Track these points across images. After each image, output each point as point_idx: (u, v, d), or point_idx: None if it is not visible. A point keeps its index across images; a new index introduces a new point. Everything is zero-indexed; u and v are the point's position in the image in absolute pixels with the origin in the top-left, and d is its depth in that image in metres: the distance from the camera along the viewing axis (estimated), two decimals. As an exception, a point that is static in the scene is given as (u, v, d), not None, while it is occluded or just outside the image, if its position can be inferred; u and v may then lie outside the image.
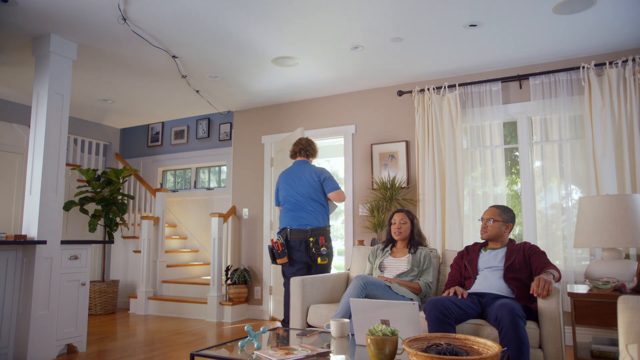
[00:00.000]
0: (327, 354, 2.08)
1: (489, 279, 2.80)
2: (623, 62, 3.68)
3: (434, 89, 4.36)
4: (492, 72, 4.26)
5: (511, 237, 3.07)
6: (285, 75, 4.46)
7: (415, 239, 3.32)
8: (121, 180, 5.62)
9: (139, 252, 5.75)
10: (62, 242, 3.53)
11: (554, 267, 2.67)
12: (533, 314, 2.60)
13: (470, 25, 3.40)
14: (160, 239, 5.75)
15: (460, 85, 4.27)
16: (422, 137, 4.35)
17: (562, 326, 2.47)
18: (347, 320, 2.39)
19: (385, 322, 2.15)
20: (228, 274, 5.15)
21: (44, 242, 3.32)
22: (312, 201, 3.77)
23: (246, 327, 2.18)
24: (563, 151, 3.87)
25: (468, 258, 3.00)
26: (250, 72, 4.37)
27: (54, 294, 3.43)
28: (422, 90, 4.43)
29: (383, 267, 3.30)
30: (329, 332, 2.47)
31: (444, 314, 2.43)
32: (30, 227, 3.43)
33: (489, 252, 2.94)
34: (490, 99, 4.15)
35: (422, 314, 2.70)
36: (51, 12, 3.22)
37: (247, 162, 5.50)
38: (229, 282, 5.13)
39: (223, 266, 5.18)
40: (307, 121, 5.15)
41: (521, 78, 4.08)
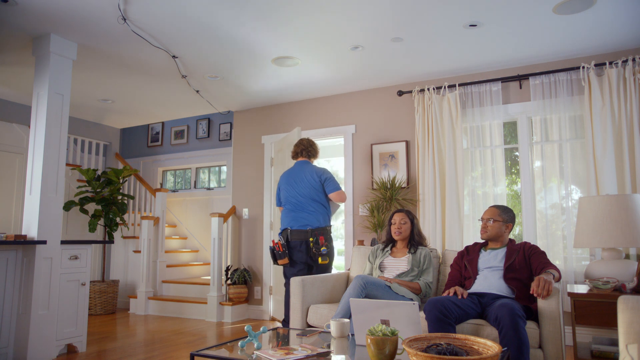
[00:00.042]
0: (327, 354, 2.08)
1: (489, 279, 2.80)
2: (623, 62, 3.68)
3: (434, 89, 4.36)
4: (492, 72, 4.26)
5: (511, 237, 3.07)
6: (285, 75, 4.46)
7: (415, 239, 3.32)
8: (121, 180, 5.62)
9: (139, 252, 5.75)
10: (62, 242, 3.53)
11: (554, 267, 2.67)
12: (533, 314, 2.60)
13: (470, 25, 3.40)
14: (160, 239, 5.75)
15: (460, 85, 4.27)
16: (422, 137, 4.35)
17: (562, 326, 2.47)
18: (347, 320, 2.39)
19: (385, 322, 2.15)
20: (228, 274, 5.15)
21: (44, 242, 3.32)
22: (313, 202, 3.77)
23: (246, 327, 2.18)
24: (563, 151, 3.87)
25: (468, 258, 3.00)
26: (250, 72, 4.37)
27: (54, 294, 3.43)
28: (422, 90, 4.43)
29: (383, 267, 3.30)
30: (329, 332, 2.47)
31: (444, 314, 2.43)
32: (30, 227, 3.43)
33: (489, 252, 2.94)
34: (490, 99, 4.15)
35: (422, 314, 2.70)
36: (51, 12, 3.22)
37: (247, 162, 5.50)
38: (229, 282, 5.13)
39: (223, 266, 5.18)
40: (307, 121, 5.15)
41: (521, 78, 4.08)
